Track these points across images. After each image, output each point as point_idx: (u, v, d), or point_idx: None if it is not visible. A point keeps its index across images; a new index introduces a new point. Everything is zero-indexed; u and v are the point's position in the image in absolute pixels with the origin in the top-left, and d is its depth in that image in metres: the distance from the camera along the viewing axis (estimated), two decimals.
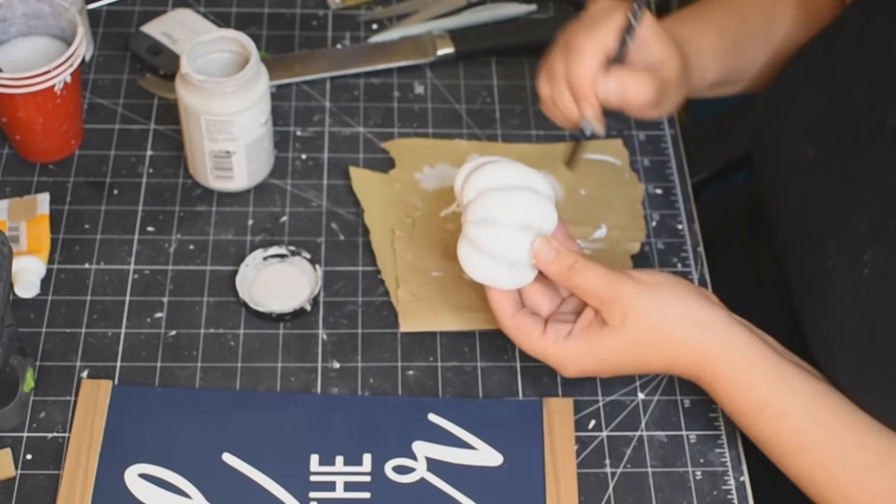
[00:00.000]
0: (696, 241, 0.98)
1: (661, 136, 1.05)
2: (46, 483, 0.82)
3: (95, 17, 1.11)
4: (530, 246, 0.81)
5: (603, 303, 0.80)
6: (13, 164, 1.00)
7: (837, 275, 0.80)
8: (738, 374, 0.80)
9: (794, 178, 0.87)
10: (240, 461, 0.83)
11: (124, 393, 0.86)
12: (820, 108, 0.87)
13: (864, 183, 0.80)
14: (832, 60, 0.88)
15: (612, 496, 0.84)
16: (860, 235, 0.79)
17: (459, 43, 1.10)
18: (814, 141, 0.86)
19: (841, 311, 0.80)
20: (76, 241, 0.95)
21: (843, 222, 0.81)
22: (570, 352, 0.81)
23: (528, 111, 1.07)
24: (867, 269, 0.78)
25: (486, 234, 0.81)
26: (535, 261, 0.81)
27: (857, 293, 0.78)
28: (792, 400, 0.79)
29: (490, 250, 0.81)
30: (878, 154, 0.80)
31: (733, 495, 0.84)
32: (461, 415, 0.86)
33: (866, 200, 0.80)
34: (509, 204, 0.81)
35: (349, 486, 0.83)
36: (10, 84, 0.92)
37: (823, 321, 0.82)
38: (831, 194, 0.83)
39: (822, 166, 0.85)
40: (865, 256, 0.78)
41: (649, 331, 0.80)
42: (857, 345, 0.79)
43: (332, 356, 0.90)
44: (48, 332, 0.90)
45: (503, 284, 0.82)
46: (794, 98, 0.89)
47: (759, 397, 0.79)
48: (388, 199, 0.99)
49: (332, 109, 1.06)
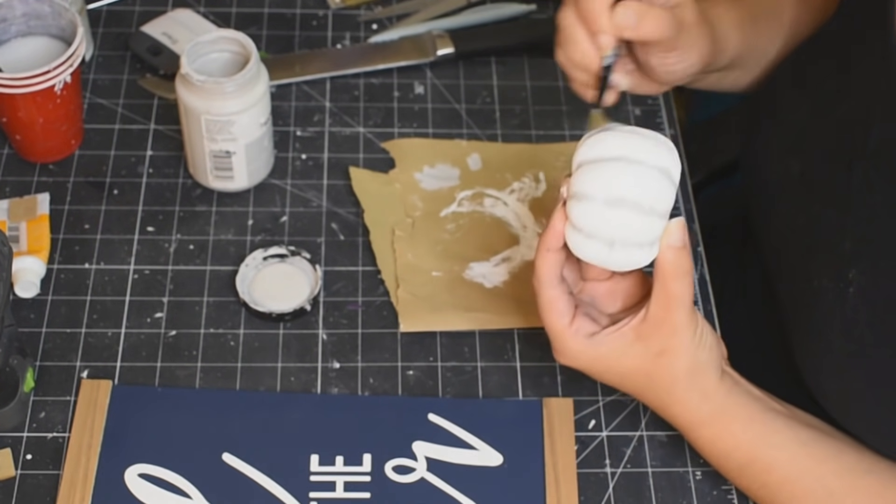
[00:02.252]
0: (696, 241, 0.98)
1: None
2: (46, 483, 0.82)
3: (95, 17, 1.11)
4: (628, 226, 0.72)
5: (660, 322, 0.76)
6: (13, 164, 1.00)
7: (824, 292, 0.79)
8: (723, 437, 0.79)
9: (780, 193, 0.87)
10: (240, 461, 0.83)
11: (124, 393, 0.86)
12: (804, 122, 0.86)
13: (848, 200, 0.79)
14: (815, 73, 0.87)
15: (612, 496, 0.84)
16: (845, 253, 0.78)
17: (459, 43, 1.10)
18: (798, 155, 0.85)
19: (827, 329, 0.79)
20: (76, 241, 0.95)
21: (827, 240, 0.80)
22: (587, 351, 0.79)
23: (528, 111, 1.07)
24: (852, 288, 0.77)
25: (576, 209, 0.74)
26: (665, 239, 0.73)
27: (843, 312, 0.78)
28: (776, 454, 0.79)
29: (584, 228, 0.73)
30: (863, 170, 0.79)
31: (733, 495, 0.84)
32: (461, 415, 0.86)
33: (850, 218, 0.79)
34: (597, 178, 0.72)
35: (349, 486, 0.83)
36: (10, 84, 0.92)
37: (810, 337, 0.81)
38: (816, 211, 0.82)
39: (806, 182, 0.84)
40: (850, 275, 0.77)
41: (669, 372, 0.78)
42: (844, 362, 0.78)
43: (332, 356, 0.90)
44: (48, 332, 0.90)
45: (605, 264, 0.75)
46: (778, 110, 0.89)
47: (743, 457, 0.79)
48: (388, 199, 0.99)
49: (332, 109, 1.06)
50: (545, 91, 1.08)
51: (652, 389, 0.79)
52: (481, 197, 1.00)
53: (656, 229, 0.73)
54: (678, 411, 0.80)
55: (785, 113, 0.88)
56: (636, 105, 1.08)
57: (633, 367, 0.78)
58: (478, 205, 1.00)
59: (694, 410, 0.79)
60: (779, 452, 0.79)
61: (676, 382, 0.78)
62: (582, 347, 0.79)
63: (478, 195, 1.00)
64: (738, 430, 0.79)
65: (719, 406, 0.79)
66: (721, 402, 0.79)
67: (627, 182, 0.71)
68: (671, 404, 0.79)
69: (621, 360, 0.78)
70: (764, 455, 0.79)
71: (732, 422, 0.79)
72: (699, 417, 0.79)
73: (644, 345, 0.77)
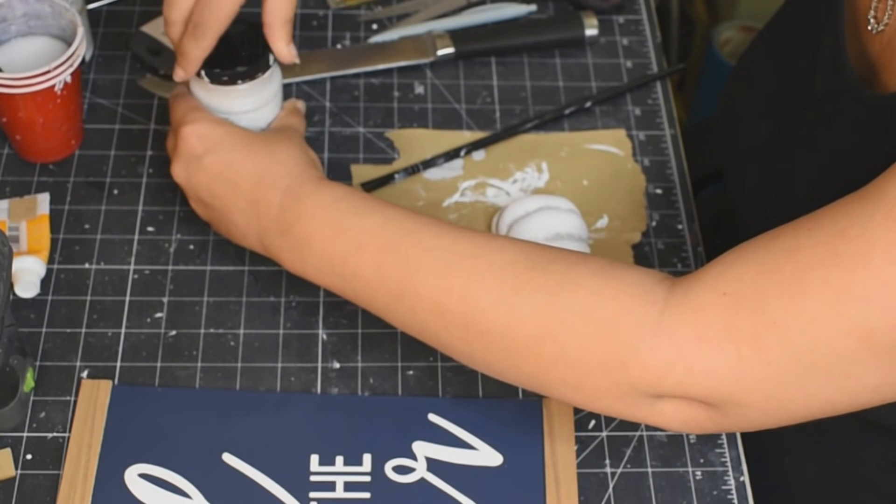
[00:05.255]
0: (696, 241, 0.98)
1: (662, 136, 1.05)
2: (46, 483, 0.82)
3: (95, 17, 1.11)
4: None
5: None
6: (13, 164, 1.00)
7: None
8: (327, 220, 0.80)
9: (749, 158, 0.87)
10: (240, 461, 0.83)
11: (124, 393, 0.86)
12: (773, 86, 0.86)
13: (799, 152, 0.79)
14: (783, 37, 0.87)
15: (612, 496, 0.84)
16: (798, 206, 0.76)
17: (459, 43, 1.10)
18: (766, 118, 0.85)
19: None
20: (76, 241, 0.95)
21: (785, 195, 0.80)
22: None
23: (528, 111, 1.07)
24: None
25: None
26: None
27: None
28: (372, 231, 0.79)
29: None
30: (810, 119, 0.79)
31: (733, 495, 0.84)
32: (461, 415, 0.86)
33: (801, 170, 0.79)
34: (533, 225, 0.91)
35: (349, 486, 0.83)
36: (11, 84, 0.92)
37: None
38: (779, 168, 0.82)
39: (771, 141, 0.84)
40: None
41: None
42: None
43: (332, 356, 0.90)
44: (48, 332, 0.90)
45: None
46: (751, 78, 0.89)
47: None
48: (390, 193, 0.99)
49: (332, 109, 1.06)
50: (545, 91, 1.09)
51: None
52: (484, 187, 1.00)
53: (586, 249, 0.93)
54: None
55: (756, 80, 0.88)
56: (636, 105, 1.08)
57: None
58: (481, 195, 1.00)
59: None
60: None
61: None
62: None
63: (481, 185, 1.01)
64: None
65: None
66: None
67: (558, 221, 0.92)
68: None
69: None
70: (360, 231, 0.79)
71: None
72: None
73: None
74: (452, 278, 0.75)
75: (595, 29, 1.11)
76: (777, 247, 0.67)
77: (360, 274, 0.79)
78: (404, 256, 0.77)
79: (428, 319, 0.77)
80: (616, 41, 1.13)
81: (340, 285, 0.81)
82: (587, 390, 0.72)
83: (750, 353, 0.66)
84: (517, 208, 0.94)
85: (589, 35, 1.11)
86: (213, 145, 0.85)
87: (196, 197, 0.88)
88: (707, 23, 1.96)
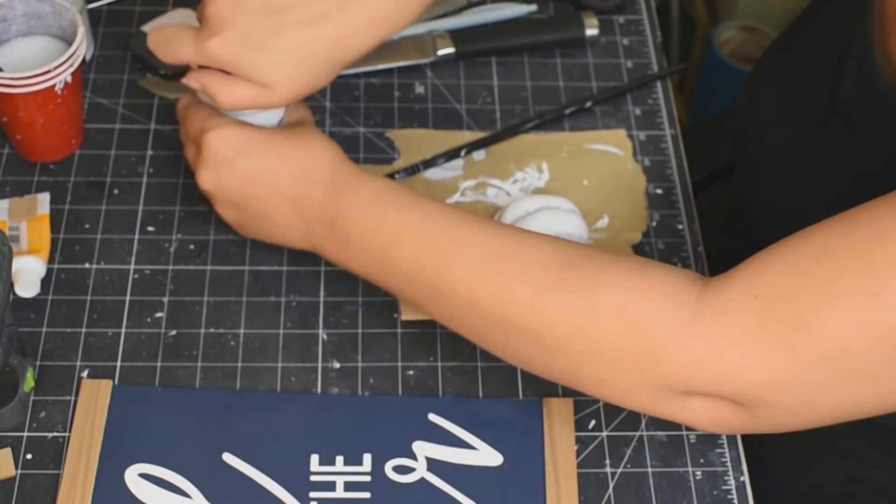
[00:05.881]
0: (696, 241, 0.98)
1: (662, 136, 1.05)
2: (46, 483, 0.82)
3: (96, 16, 1.11)
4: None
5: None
6: (13, 164, 1.00)
7: None
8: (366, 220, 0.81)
9: (768, 161, 0.87)
10: (240, 461, 0.83)
11: (124, 393, 0.86)
12: (793, 89, 0.86)
13: (823, 158, 0.79)
14: (803, 40, 0.87)
15: (612, 496, 0.84)
16: (821, 210, 0.78)
17: (459, 43, 1.10)
18: (788, 121, 0.86)
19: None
20: (76, 241, 0.95)
21: (806, 199, 0.80)
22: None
23: (529, 111, 1.07)
24: None
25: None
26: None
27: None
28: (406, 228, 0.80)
29: None
30: (836, 126, 0.79)
31: (733, 495, 0.84)
32: (461, 415, 0.87)
33: (825, 176, 0.79)
34: (533, 225, 0.91)
35: (349, 486, 0.83)
36: (11, 84, 0.92)
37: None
38: (800, 172, 0.82)
39: (792, 145, 0.84)
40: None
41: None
42: None
43: (333, 356, 0.90)
44: (48, 331, 0.90)
45: None
46: (770, 81, 0.89)
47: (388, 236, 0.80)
48: None
49: (332, 109, 1.06)
50: (545, 91, 1.09)
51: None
52: (484, 187, 1.01)
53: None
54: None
55: (775, 82, 0.88)
56: (636, 105, 1.08)
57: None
58: (481, 195, 1.00)
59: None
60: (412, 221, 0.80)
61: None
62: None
63: (481, 185, 1.01)
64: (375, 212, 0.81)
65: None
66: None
67: (558, 221, 0.92)
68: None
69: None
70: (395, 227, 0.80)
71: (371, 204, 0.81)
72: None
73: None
74: (487, 276, 0.76)
75: (595, 29, 1.11)
76: (808, 250, 0.68)
77: (399, 268, 0.80)
78: (441, 253, 0.78)
79: (464, 315, 0.78)
80: (616, 41, 1.13)
81: (383, 278, 0.82)
82: (621, 386, 0.73)
83: (781, 356, 0.67)
84: (517, 208, 0.94)
85: (589, 35, 1.11)
86: (241, 148, 0.84)
87: (228, 201, 0.87)
88: (707, 23, 1.96)
